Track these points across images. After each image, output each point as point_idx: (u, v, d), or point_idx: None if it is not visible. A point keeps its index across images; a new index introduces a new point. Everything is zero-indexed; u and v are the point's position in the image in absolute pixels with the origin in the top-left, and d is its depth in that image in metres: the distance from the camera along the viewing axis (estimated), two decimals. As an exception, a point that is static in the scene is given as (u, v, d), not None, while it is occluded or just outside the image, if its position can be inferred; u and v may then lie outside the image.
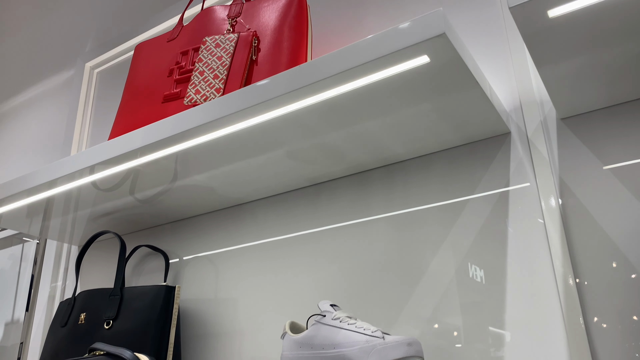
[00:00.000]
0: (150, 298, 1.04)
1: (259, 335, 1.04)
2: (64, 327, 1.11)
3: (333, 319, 0.80)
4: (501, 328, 0.81)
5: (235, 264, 1.13)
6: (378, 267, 0.95)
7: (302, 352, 0.81)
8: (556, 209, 0.82)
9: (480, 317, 0.83)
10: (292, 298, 1.02)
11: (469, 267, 0.86)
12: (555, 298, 0.78)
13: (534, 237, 0.83)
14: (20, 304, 1.60)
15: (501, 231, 0.86)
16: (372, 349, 0.74)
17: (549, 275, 0.80)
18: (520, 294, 0.81)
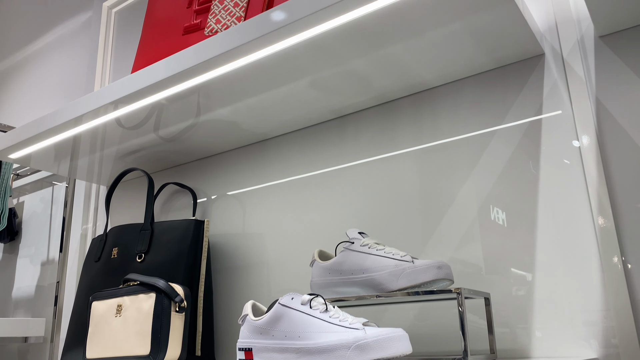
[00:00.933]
0: (181, 231, 1.06)
1: (287, 265, 1.05)
2: (97, 262, 1.15)
3: (362, 245, 0.80)
4: (532, 260, 0.80)
5: (262, 201, 1.13)
6: (405, 199, 0.94)
7: (331, 277, 0.81)
8: (593, 136, 0.79)
9: (509, 249, 0.82)
10: (319, 230, 1.03)
11: (497, 199, 0.85)
12: (591, 236, 0.76)
13: (569, 168, 0.80)
14: (53, 245, 1.65)
15: (533, 162, 0.83)
16: (401, 273, 0.74)
17: (584, 210, 0.78)
18: (553, 230, 0.80)
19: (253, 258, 1.11)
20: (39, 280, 1.64)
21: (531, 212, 0.81)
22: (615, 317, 0.71)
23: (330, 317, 0.66)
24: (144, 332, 0.86)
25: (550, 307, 0.77)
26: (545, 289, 0.78)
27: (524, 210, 0.82)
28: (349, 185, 1.01)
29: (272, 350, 0.68)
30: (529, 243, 0.81)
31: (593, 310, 0.73)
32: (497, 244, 0.83)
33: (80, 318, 1.13)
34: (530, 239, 0.81)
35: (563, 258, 0.77)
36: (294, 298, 0.69)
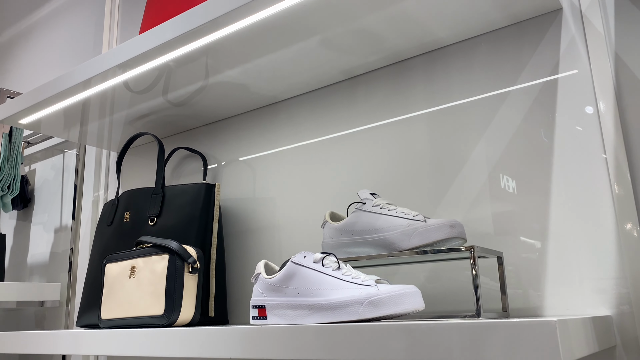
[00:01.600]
0: (192, 195, 1.06)
1: (299, 228, 1.05)
2: (110, 227, 1.15)
3: (373, 205, 0.80)
4: (545, 224, 0.79)
5: (273, 166, 1.13)
6: (416, 161, 0.93)
7: (343, 238, 0.81)
8: (611, 95, 0.77)
9: (521, 213, 0.81)
10: (331, 194, 1.03)
11: (510, 162, 0.84)
12: (607, 203, 0.75)
13: (585, 131, 0.78)
14: (66, 212, 1.66)
15: (548, 124, 0.82)
16: (414, 232, 0.73)
17: (601, 174, 0.76)
18: (568, 194, 0.78)
19: (264, 221, 1.11)
20: (53, 246, 1.67)
21: (545, 174, 0.80)
22: (630, 284, 0.70)
23: (343, 275, 0.66)
24: (158, 292, 0.87)
25: (564, 271, 0.76)
26: (559, 253, 0.77)
27: (538, 173, 0.81)
28: (360, 149, 1.00)
29: (285, 307, 0.68)
30: (541, 208, 0.80)
31: (607, 277, 0.73)
32: (509, 208, 0.82)
33: (94, 282, 1.14)
34: (543, 203, 0.80)
35: (577, 224, 0.77)
36: (307, 256, 0.69)
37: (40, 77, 1.92)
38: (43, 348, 0.95)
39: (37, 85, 1.91)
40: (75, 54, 1.77)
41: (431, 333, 0.53)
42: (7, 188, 1.49)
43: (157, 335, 0.77)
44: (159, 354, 0.76)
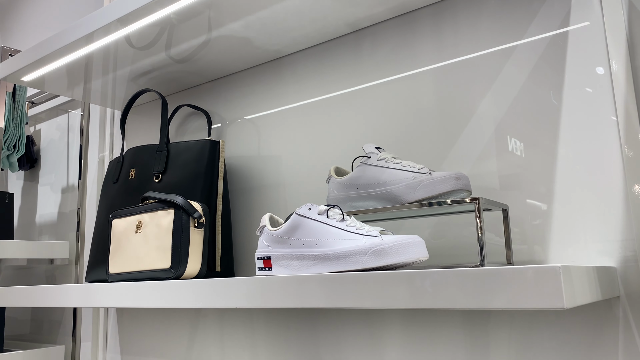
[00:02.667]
0: (197, 152, 1.06)
1: (303, 185, 1.05)
2: (115, 184, 1.16)
3: (378, 159, 0.79)
4: (551, 184, 0.78)
5: (278, 124, 1.12)
6: (421, 117, 0.92)
7: (348, 192, 0.81)
8: (624, 48, 0.74)
9: (527, 170, 0.80)
10: (336, 151, 1.02)
11: (517, 117, 0.82)
12: (617, 161, 0.73)
13: (596, 84, 0.77)
14: (72, 172, 1.67)
15: (556, 79, 0.80)
16: (419, 184, 0.73)
17: (612, 136, 0.75)
18: (575, 153, 0.77)
19: (269, 179, 1.11)
20: (61, 207, 1.68)
21: (552, 131, 0.79)
22: (638, 247, 0.70)
23: (347, 226, 0.66)
24: (164, 247, 0.88)
25: (569, 228, 0.76)
26: (565, 210, 0.77)
27: (545, 130, 0.80)
28: (366, 105, 0.99)
29: (289, 258, 0.69)
30: (548, 165, 0.79)
31: (614, 232, 0.72)
32: (515, 164, 0.82)
33: (101, 238, 1.15)
34: (550, 160, 0.79)
35: (585, 182, 0.75)
36: (311, 208, 0.69)
37: (43, 35, 1.90)
38: (54, 301, 0.97)
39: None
40: (77, 11, 1.74)
41: (434, 280, 0.54)
42: (12, 147, 1.50)
43: (164, 287, 0.78)
44: (166, 305, 0.77)
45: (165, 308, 1.25)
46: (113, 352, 1.37)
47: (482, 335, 0.81)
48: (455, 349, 0.83)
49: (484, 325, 0.81)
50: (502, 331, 0.79)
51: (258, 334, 1.07)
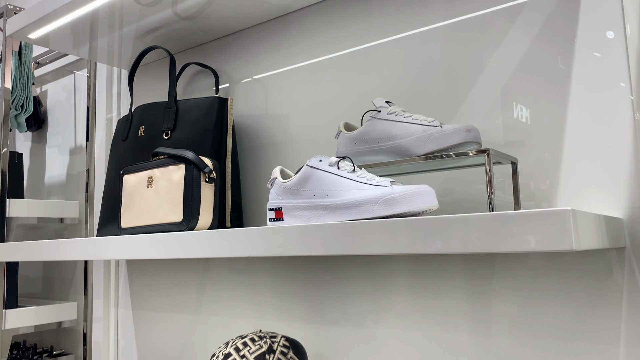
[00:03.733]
0: (205, 109, 1.06)
1: (312, 142, 1.06)
2: (125, 142, 1.17)
3: (389, 113, 0.80)
4: (560, 138, 0.79)
5: (286, 83, 1.12)
6: (431, 73, 0.91)
7: (357, 147, 0.82)
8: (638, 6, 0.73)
9: (535, 123, 0.80)
10: (344, 110, 1.02)
11: (526, 73, 0.82)
12: (627, 129, 0.73)
13: (609, 38, 0.76)
14: (80, 133, 1.68)
15: (569, 36, 0.79)
16: (429, 137, 0.73)
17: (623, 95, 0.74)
18: (588, 112, 0.77)
19: (277, 137, 1.12)
20: (69, 168, 1.69)
21: (562, 85, 0.79)
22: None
23: (358, 177, 0.67)
24: (176, 200, 0.89)
25: (578, 185, 0.77)
26: (573, 167, 0.77)
27: (556, 83, 0.79)
28: (375, 62, 0.99)
29: (301, 208, 0.70)
30: (557, 120, 0.79)
31: (622, 193, 0.73)
32: (523, 122, 0.82)
33: (112, 196, 1.17)
34: (559, 115, 0.79)
35: (594, 140, 0.76)
36: (322, 160, 0.70)
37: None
38: (67, 255, 0.99)
39: (42, 4, 1.86)
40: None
41: (444, 225, 0.55)
42: (20, 107, 1.50)
43: (176, 238, 0.80)
44: (179, 255, 0.79)
45: (175, 262, 1.28)
46: (124, 308, 1.40)
47: (486, 283, 0.83)
48: (459, 297, 0.85)
49: (489, 274, 0.82)
50: (506, 280, 0.81)
51: (264, 284, 1.09)
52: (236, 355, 0.84)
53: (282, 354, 0.85)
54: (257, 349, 0.84)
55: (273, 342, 0.86)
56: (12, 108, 1.47)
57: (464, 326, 0.85)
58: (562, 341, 0.76)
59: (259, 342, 0.86)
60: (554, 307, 0.77)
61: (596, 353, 0.73)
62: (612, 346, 0.72)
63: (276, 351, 0.85)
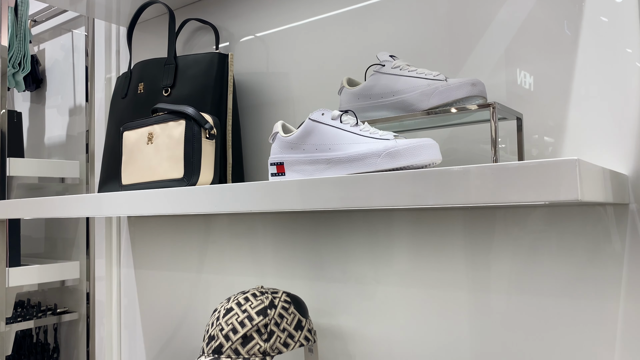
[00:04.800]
0: (205, 65, 1.04)
1: (314, 100, 1.04)
2: (124, 99, 1.15)
3: (393, 67, 0.78)
4: (567, 95, 0.77)
5: (287, 41, 1.09)
6: (436, 28, 0.89)
7: (360, 103, 0.81)
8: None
9: (541, 79, 0.79)
10: (346, 65, 1.00)
11: (531, 32, 0.80)
12: (634, 73, 0.71)
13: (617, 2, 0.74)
14: (79, 94, 1.66)
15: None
16: (433, 91, 0.72)
17: (631, 57, 0.72)
18: (594, 68, 0.75)
19: (278, 95, 1.10)
20: (69, 129, 1.68)
21: (572, 37, 0.77)
22: None
23: (361, 131, 0.66)
24: (176, 157, 0.89)
25: (583, 143, 0.76)
26: (580, 125, 0.76)
27: (562, 35, 0.77)
28: (378, 18, 0.96)
29: (303, 162, 0.69)
30: (564, 78, 0.77)
31: (627, 150, 0.72)
32: (529, 78, 0.80)
33: (112, 154, 1.16)
34: (565, 74, 0.77)
35: (599, 97, 0.74)
36: (325, 114, 0.69)
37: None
38: (69, 212, 0.99)
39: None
40: None
41: (448, 177, 0.54)
42: (18, 65, 1.48)
43: (178, 194, 0.79)
44: (180, 211, 0.79)
45: (176, 220, 1.28)
46: (127, 267, 1.41)
47: (487, 240, 0.83)
48: (459, 254, 0.85)
49: (489, 230, 0.82)
50: (507, 236, 0.81)
51: (265, 242, 1.10)
52: (238, 309, 0.85)
53: (284, 309, 0.86)
54: (258, 304, 0.85)
55: (274, 297, 0.87)
56: (10, 66, 1.45)
57: (464, 283, 0.85)
58: (562, 298, 0.76)
59: (261, 297, 0.86)
60: (554, 264, 0.77)
61: (596, 309, 0.74)
62: (612, 302, 0.73)
63: (277, 306, 0.86)
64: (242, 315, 0.84)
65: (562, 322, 0.76)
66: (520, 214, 0.80)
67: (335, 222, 1.00)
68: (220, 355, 0.82)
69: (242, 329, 0.83)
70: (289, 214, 1.08)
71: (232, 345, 0.82)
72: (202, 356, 0.84)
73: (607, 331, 0.73)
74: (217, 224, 1.20)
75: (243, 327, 0.83)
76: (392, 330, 0.93)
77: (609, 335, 0.73)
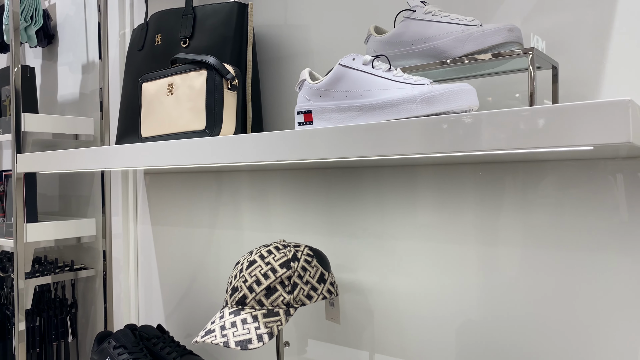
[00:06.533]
0: (224, 15, 1.01)
1: (335, 52, 1.01)
2: (141, 51, 1.12)
3: (424, 13, 0.75)
4: (605, 43, 0.74)
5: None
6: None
7: (389, 51, 0.78)
8: None
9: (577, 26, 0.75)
10: (368, 14, 0.96)
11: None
12: None
13: None
14: (92, 50, 1.63)
15: None
16: (468, 37, 0.69)
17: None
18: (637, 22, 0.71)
19: (297, 48, 1.07)
20: (81, 87, 1.66)
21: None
22: None
23: (394, 76, 0.64)
24: (198, 108, 0.87)
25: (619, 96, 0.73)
26: (617, 81, 0.73)
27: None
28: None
29: (332, 110, 0.67)
30: (603, 25, 0.74)
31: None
32: (566, 26, 0.77)
33: (129, 107, 1.14)
34: (605, 21, 0.74)
35: None
36: (355, 59, 0.66)
37: None
38: (87, 164, 0.98)
39: None
40: None
41: (491, 121, 0.52)
42: (30, 19, 1.45)
43: (201, 144, 0.78)
44: (203, 161, 0.77)
45: (192, 175, 1.27)
46: (143, 224, 1.41)
47: (507, 193, 0.81)
48: (479, 206, 0.84)
49: (523, 181, 0.81)
50: (535, 188, 0.79)
51: (283, 196, 1.09)
52: (261, 262, 0.85)
53: (306, 262, 0.86)
54: (281, 257, 0.85)
55: (297, 250, 0.86)
56: (22, 19, 1.42)
57: (489, 238, 0.84)
58: (589, 251, 0.75)
59: (283, 250, 0.86)
60: (583, 217, 0.75)
61: (624, 264, 0.73)
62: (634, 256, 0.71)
63: (300, 259, 0.85)
64: (265, 267, 0.84)
65: (593, 277, 0.75)
66: (551, 164, 0.78)
67: (352, 178, 0.99)
68: (244, 307, 0.82)
69: (266, 280, 0.82)
70: (305, 169, 1.06)
71: (256, 297, 0.82)
72: (226, 307, 0.84)
73: (624, 286, 0.72)
74: (232, 180, 1.19)
75: (267, 279, 0.82)
76: (412, 284, 0.93)
77: (627, 291, 0.72)
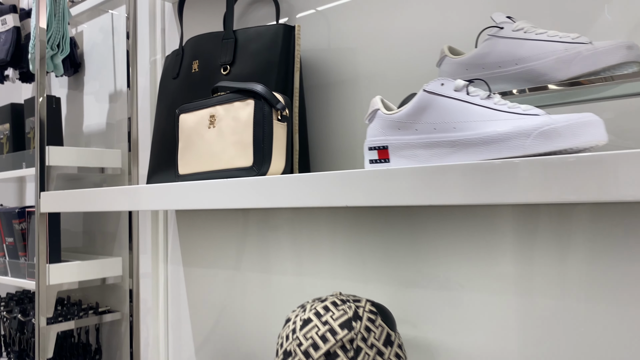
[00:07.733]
0: (269, 38, 0.91)
1: (386, 77, 0.90)
2: (176, 79, 1.03)
3: (514, 30, 0.64)
4: None
5: (353, 13, 0.95)
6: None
7: (470, 75, 0.66)
8: None
9: None
10: (425, 42, 0.86)
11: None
12: None
13: None
14: (120, 79, 1.55)
15: None
16: (575, 57, 0.58)
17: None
18: None
19: (345, 74, 0.96)
20: (109, 117, 1.58)
21: None
22: None
23: (496, 104, 0.52)
24: (244, 142, 0.76)
25: None
26: None
27: None
28: (476, -26, 0.82)
29: (415, 146, 0.56)
30: None
31: None
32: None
33: (162, 140, 1.05)
34: None
35: None
36: (445, 84, 0.55)
37: None
38: (118, 204, 0.88)
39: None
40: None
41: (627, 162, 0.40)
42: (57, 47, 1.37)
43: (247, 185, 0.67)
44: (254, 205, 0.66)
45: (227, 213, 1.16)
46: (174, 263, 1.30)
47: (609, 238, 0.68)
48: (570, 260, 0.71)
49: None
50: None
51: (327, 231, 0.97)
52: (317, 321, 0.72)
53: (370, 321, 0.73)
54: (341, 315, 0.72)
55: (358, 307, 0.74)
56: (48, 47, 1.35)
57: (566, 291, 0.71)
58: None
59: (342, 307, 0.74)
60: None
61: None
62: None
63: (363, 317, 0.73)
64: (323, 328, 0.72)
65: None
66: None
67: (414, 216, 0.86)
68: (300, 375, 0.70)
69: (325, 344, 0.70)
70: (361, 207, 0.94)
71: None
72: (278, 375, 0.72)
73: None
74: (278, 216, 1.08)
75: (325, 343, 0.70)
76: (483, 342, 0.79)
77: None
